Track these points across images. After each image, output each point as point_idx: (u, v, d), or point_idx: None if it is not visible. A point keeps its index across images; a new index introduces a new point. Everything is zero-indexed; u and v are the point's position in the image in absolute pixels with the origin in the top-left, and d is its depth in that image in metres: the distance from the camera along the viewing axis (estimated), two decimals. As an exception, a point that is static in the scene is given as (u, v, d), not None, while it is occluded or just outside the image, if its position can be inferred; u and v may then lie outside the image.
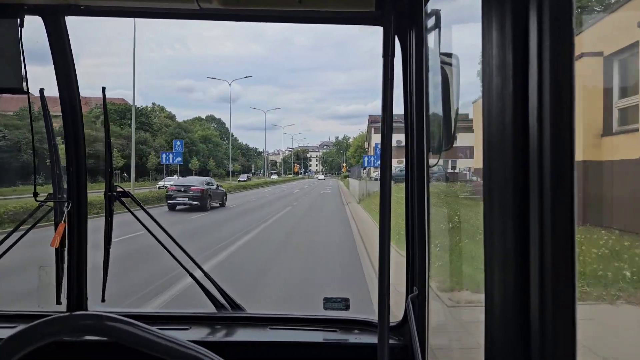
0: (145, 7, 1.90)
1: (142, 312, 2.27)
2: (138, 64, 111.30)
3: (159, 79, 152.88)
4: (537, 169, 0.72)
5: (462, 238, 6.19)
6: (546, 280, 0.71)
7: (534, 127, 0.72)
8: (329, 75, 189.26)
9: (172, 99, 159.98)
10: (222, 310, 2.18)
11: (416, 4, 1.71)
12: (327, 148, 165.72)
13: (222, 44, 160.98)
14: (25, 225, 2.16)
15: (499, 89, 0.76)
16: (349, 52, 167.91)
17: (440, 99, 1.44)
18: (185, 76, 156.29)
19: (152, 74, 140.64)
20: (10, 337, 0.94)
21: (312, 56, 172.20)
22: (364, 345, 1.94)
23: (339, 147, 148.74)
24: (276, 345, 1.99)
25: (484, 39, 0.78)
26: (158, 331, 0.94)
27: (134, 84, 33.36)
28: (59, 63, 2.07)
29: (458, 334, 4.16)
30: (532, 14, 0.72)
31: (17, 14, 1.84)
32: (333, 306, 2.10)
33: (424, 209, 1.79)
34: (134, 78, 39.49)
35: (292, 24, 1.94)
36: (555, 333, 0.71)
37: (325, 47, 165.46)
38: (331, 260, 11.65)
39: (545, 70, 0.70)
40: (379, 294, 1.44)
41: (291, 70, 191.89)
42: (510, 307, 0.76)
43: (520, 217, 0.74)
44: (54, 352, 1.50)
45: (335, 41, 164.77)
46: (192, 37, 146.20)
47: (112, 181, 2.15)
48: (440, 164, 1.87)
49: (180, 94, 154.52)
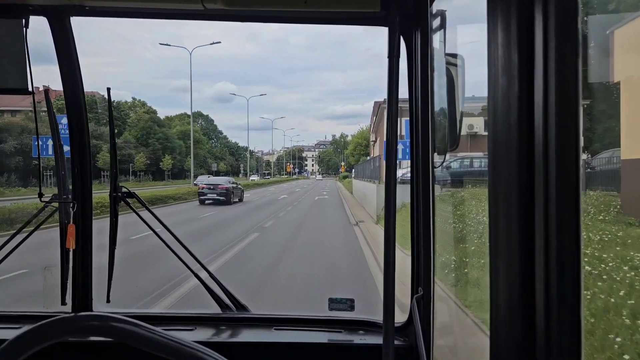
0: (150, 7, 1.90)
1: (147, 313, 2.28)
2: (132, 64, 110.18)
3: (154, 79, 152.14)
4: (542, 170, 0.71)
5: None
6: (552, 280, 0.71)
7: (540, 127, 0.71)
8: (326, 75, 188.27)
9: (167, 98, 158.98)
10: (227, 310, 2.18)
11: (421, 5, 1.70)
12: (323, 147, 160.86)
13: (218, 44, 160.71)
14: (28, 228, 2.16)
15: (504, 90, 0.76)
16: (346, 52, 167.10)
17: (445, 100, 1.43)
18: (181, 76, 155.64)
19: (147, 74, 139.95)
20: (15, 338, 0.95)
21: (309, 56, 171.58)
22: (369, 346, 1.93)
23: (336, 145, 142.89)
24: (281, 345, 1.99)
25: (490, 39, 0.78)
26: (163, 332, 0.94)
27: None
28: (64, 63, 2.08)
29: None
30: (538, 14, 0.71)
31: (22, 14, 1.85)
32: (338, 307, 2.10)
33: (429, 210, 1.79)
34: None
35: (289, 25, 1.94)
36: (561, 333, 0.70)
37: (322, 47, 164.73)
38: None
39: (551, 71, 0.70)
40: (384, 295, 1.43)
41: (288, 71, 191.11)
42: (515, 308, 0.76)
43: (526, 218, 0.74)
44: (59, 352, 1.51)
45: (333, 41, 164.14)
46: (189, 37, 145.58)
47: (117, 182, 2.16)
48: (447, 161, 1.87)
49: (175, 94, 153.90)
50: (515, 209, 0.75)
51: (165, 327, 1.05)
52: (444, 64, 1.43)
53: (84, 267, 2.20)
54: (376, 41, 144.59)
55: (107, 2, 1.88)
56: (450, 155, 2.40)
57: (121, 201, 2.17)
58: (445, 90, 1.43)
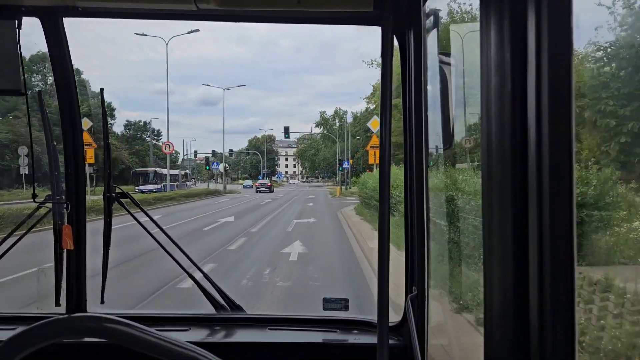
0: (142, 8, 1.90)
1: (141, 314, 2.27)
2: (116, 67, 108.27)
3: (139, 82, 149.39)
4: (535, 169, 0.72)
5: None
6: (545, 280, 0.71)
7: (533, 126, 0.72)
8: (313, 78, 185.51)
9: (147, 102, 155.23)
10: (222, 311, 2.18)
11: (414, 4, 1.71)
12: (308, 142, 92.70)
13: (205, 46, 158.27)
14: (20, 231, 2.15)
15: (497, 89, 0.76)
16: (334, 54, 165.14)
17: (439, 99, 1.44)
18: (163, 79, 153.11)
19: (131, 78, 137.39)
20: (9, 339, 0.94)
21: (297, 58, 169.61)
22: (364, 346, 1.94)
23: (328, 127, 75.59)
24: (276, 345, 1.99)
25: (482, 38, 0.78)
26: (157, 332, 0.94)
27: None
28: (57, 64, 2.07)
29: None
30: (530, 14, 0.72)
31: (14, 15, 1.84)
32: (332, 307, 2.10)
33: (423, 209, 1.79)
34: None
35: (278, 27, 1.93)
36: (554, 333, 0.71)
37: (310, 49, 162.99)
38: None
39: (544, 70, 0.70)
40: (378, 294, 1.43)
41: (276, 73, 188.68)
42: (509, 307, 0.76)
43: (519, 217, 0.74)
44: (53, 354, 1.50)
45: (321, 43, 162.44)
46: (175, 39, 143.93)
47: (110, 182, 2.15)
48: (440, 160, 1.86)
49: (158, 97, 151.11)
50: (509, 209, 0.76)
51: (160, 328, 1.05)
52: (437, 63, 1.43)
53: (78, 268, 2.19)
54: (364, 42, 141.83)
55: (99, 3, 1.88)
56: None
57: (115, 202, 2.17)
58: (438, 89, 1.44)
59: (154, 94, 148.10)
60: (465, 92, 1.57)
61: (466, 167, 4.62)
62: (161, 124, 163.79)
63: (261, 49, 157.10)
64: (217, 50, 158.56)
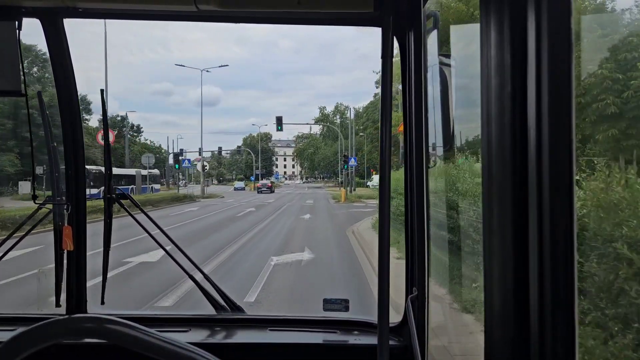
0: (143, 9, 1.90)
1: (142, 314, 2.27)
2: (116, 68, 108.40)
3: (138, 83, 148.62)
4: (535, 169, 0.72)
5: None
6: (545, 280, 0.71)
7: (533, 127, 0.72)
8: (313, 78, 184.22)
9: (147, 103, 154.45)
10: (222, 312, 2.18)
11: (415, 5, 1.71)
12: (306, 141, 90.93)
13: (205, 47, 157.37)
14: (19, 233, 2.15)
15: (497, 90, 0.76)
16: (334, 54, 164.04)
17: (439, 100, 1.44)
18: (164, 79, 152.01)
19: (131, 78, 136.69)
20: (9, 340, 0.94)
21: (296, 59, 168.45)
22: (364, 346, 1.94)
23: (327, 125, 75.19)
24: (276, 346, 1.99)
25: (482, 39, 0.78)
26: (157, 333, 0.94)
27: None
28: (57, 65, 2.07)
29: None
30: (530, 15, 0.72)
31: (15, 16, 1.84)
32: (333, 307, 2.10)
33: (423, 210, 1.79)
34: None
35: (278, 28, 1.93)
36: (554, 333, 0.71)
37: (310, 50, 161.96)
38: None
39: (544, 71, 0.70)
40: (379, 295, 1.44)
41: (275, 74, 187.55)
42: (509, 307, 0.76)
43: (520, 218, 0.74)
44: (53, 354, 1.50)
45: (321, 43, 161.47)
46: (174, 40, 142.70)
47: (110, 184, 2.15)
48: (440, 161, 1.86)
49: (157, 98, 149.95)
50: (509, 209, 0.76)
51: (160, 329, 1.05)
52: (437, 64, 1.44)
53: (78, 269, 2.19)
54: (363, 42, 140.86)
55: (99, 4, 1.88)
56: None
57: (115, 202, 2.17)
58: (439, 90, 1.44)
59: (153, 95, 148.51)
60: (465, 93, 1.57)
61: (466, 167, 4.61)
62: (139, 119, 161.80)
63: (261, 50, 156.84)
64: (217, 51, 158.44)
